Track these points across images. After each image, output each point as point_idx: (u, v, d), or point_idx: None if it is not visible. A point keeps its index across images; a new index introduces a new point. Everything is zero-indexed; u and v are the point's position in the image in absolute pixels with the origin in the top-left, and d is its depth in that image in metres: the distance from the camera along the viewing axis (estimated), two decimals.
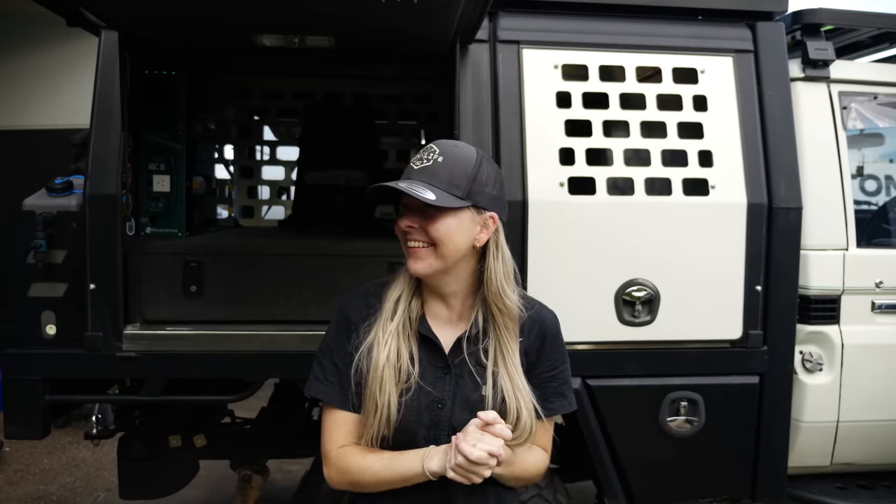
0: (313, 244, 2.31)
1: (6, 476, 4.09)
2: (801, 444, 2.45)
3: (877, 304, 2.48)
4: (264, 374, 2.28)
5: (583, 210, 2.25)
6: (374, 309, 1.39)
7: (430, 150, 1.35)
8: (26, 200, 2.16)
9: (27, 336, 2.14)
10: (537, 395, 1.37)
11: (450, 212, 1.32)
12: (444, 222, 1.31)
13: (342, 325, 1.41)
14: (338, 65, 3.00)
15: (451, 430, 1.32)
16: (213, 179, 3.28)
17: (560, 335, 1.46)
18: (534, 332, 1.42)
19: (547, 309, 1.48)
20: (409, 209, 1.34)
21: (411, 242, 1.34)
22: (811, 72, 2.50)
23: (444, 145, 1.36)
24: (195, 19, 1.98)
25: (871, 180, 2.89)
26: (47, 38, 5.38)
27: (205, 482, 3.55)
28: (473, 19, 2.02)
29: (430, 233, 1.31)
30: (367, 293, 1.44)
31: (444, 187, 1.30)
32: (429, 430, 1.34)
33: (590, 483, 2.58)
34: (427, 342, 1.38)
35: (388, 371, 1.32)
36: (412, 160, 1.36)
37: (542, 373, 1.42)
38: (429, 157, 1.33)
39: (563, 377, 1.44)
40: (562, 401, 1.43)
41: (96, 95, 2.15)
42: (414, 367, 1.34)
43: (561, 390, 1.43)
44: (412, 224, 1.33)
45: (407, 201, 1.34)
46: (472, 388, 1.35)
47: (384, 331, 1.35)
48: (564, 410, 1.43)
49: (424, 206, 1.31)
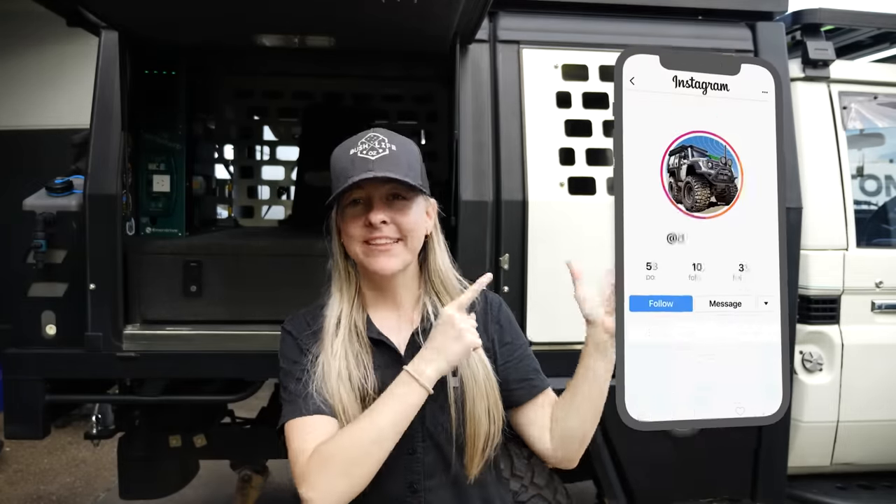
0: (313, 244, 2.31)
1: (6, 476, 4.09)
2: (801, 444, 2.45)
3: (877, 304, 2.48)
4: (264, 374, 2.28)
5: (583, 210, 2.25)
6: (316, 330, 1.32)
7: (376, 139, 1.27)
8: (26, 200, 2.16)
9: (27, 336, 2.14)
10: (517, 378, 1.32)
11: (416, 200, 1.29)
12: (414, 212, 1.28)
13: (289, 345, 1.34)
14: (338, 65, 3.00)
15: (424, 433, 1.27)
16: (213, 179, 3.29)
17: (511, 316, 1.41)
18: (488, 316, 1.37)
19: (492, 294, 1.43)
20: (370, 204, 1.26)
21: (381, 240, 1.25)
22: (811, 72, 2.50)
23: (387, 134, 1.29)
24: (195, 19, 1.98)
25: (871, 180, 2.89)
26: (47, 38, 5.38)
27: (205, 482, 3.55)
28: (473, 19, 2.02)
29: (402, 225, 1.26)
30: (307, 314, 1.37)
31: (410, 175, 1.25)
32: (402, 440, 1.21)
33: (590, 483, 2.58)
34: (381, 346, 1.31)
35: (344, 390, 1.23)
36: (356, 150, 1.25)
37: (512, 353, 1.36)
38: (381, 146, 1.25)
39: (529, 354, 1.38)
40: (539, 377, 1.37)
41: (96, 95, 2.16)
42: (369, 377, 1.25)
43: (535, 367, 1.38)
44: (385, 218, 1.25)
45: (367, 195, 1.26)
46: (440, 384, 1.24)
47: (332, 351, 1.26)
48: (545, 385, 1.36)
49: (391, 199, 1.26)
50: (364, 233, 1.26)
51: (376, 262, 1.26)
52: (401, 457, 1.24)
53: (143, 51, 2.23)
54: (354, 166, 1.23)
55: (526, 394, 1.34)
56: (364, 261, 1.28)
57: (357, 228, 1.27)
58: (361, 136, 1.28)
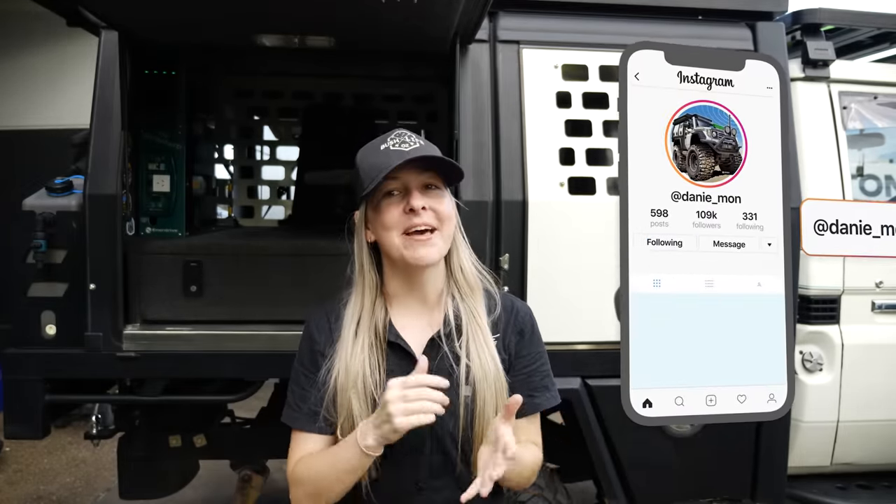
0: (313, 244, 2.31)
1: (6, 476, 4.09)
2: (801, 444, 2.45)
3: (877, 304, 2.48)
4: (264, 374, 2.28)
5: (583, 210, 2.25)
6: (336, 328, 1.34)
7: (405, 134, 1.32)
8: (26, 200, 2.16)
9: (27, 336, 2.14)
10: (523, 391, 1.31)
11: (446, 192, 1.33)
12: (449, 199, 1.33)
13: (309, 347, 1.36)
14: (338, 65, 3.00)
15: (432, 435, 1.29)
16: (213, 179, 3.29)
17: (536, 327, 1.42)
18: (510, 327, 1.39)
19: (520, 302, 1.45)
20: (408, 192, 1.28)
21: (420, 227, 1.27)
22: (811, 72, 2.50)
23: (410, 132, 1.35)
24: (195, 19, 1.98)
25: (871, 180, 2.89)
26: (47, 38, 5.38)
27: (205, 482, 3.55)
28: (473, 19, 2.02)
29: (439, 212, 1.29)
30: (330, 310, 1.39)
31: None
32: (413, 438, 1.24)
33: (590, 483, 2.58)
34: (396, 349, 1.33)
35: (357, 395, 1.26)
36: (387, 145, 1.29)
37: (524, 367, 1.38)
38: (412, 140, 1.30)
39: (544, 370, 1.40)
40: (546, 394, 1.39)
41: (96, 95, 2.15)
42: (381, 382, 1.27)
43: (544, 383, 1.39)
44: (424, 204, 1.27)
45: (404, 184, 1.28)
46: (452, 390, 1.26)
47: (349, 350, 1.29)
48: (550, 404, 1.39)
49: (426, 187, 1.29)
50: (404, 220, 1.27)
51: (416, 252, 1.27)
52: (409, 456, 1.28)
53: (143, 51, 2.23)
54: (390, 157, 1.26)
55: (527, 409, 1.35)
56: (404, 253, 1.28)
57: (395, 216, 1.28)
58: (389, 134, 1.33)
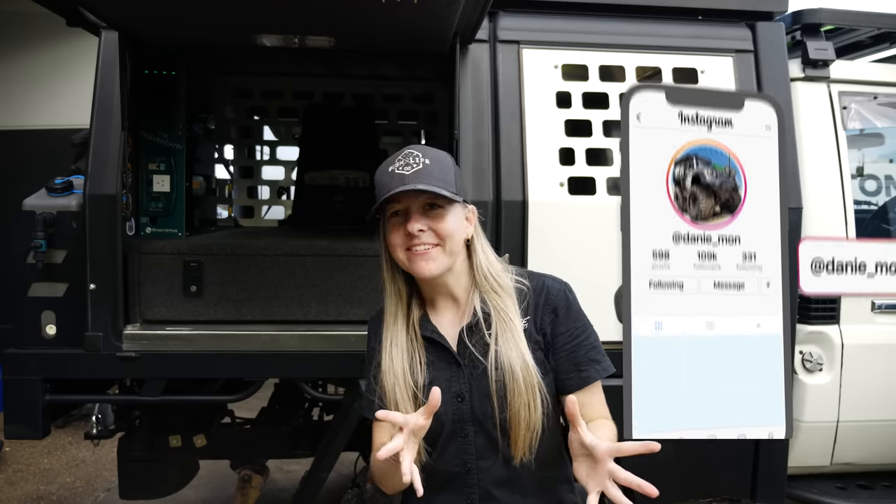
0: (313, 244, 2.31)
1: (6, 476, 4.09)
2: (801, 444, 2.45)
3: (877, 304, 2.47)
4: (264, 374, 2.28)
5: (583, 210, 2.25)
6: (381, 331, 1.46)
7: (411, 154, 1.38)
8: (26, 200, 2.16)
9: (27, 336, 2.14)
10: (570, 367, 1.38)
11: (452, 208, 1.39)
12: (451, 218, 1.38)
13: (370, 346, 1.51)
14: (338, 65, 3.01)
15: (473, 420, 1.38)
16: (213, 179, 3.29)
17: (573, 302, 1.45)
18: (541, 308, 1.43)
19: (551, 279, 1.48)
20: (408, 215, 1.38)
21: (419, 247, 1.37)
22: (811, 72, 2.50)
23: (421, 149, 1.40)
24: (195, 20, 1.98)
25: (871, 180, 2.89)
26: (47, 38, 5.38)
27: (205, 482, 3.55)
28: (473, 19, 2.02)
29: (439, 231, 1.37)
30: (380, 314, 1.51)
31: (443, 185, 1.36)
32: (454, 424, 1.38)
33: None
34: (433, 342, 1.43)
35: (399, 388, 1.38)
36: (394, 167, 1.37)
37: (565, 344, 1.40)
38: (416, 162, 1.36)
39: (588, 342, 1.42)
40: (595, 366, 1.40)
41: (96, 95, 2.16)
42: (422, 373, 1.39)
43: (591, 356, 1.40)
44: (423, 227, 1.36)
45: (406, 207, 1.37)
46: (485, 375, 1.38)
47: (389, 347, 1.42)
48: (601, 375, 1.40)
49: (428, 208, 1.37)
50: (405, 241, 1.38)
51: (417, 266, 1.38)
52: (454, 440, 1.40)
53: (143, 51, 2.23)
54: (392, 181, 1.36)
55: (573, 384, 1.39)
56: (407, 266, 1.40)
57: (398, 237, 1.39)
58: (399, 154, 1.40)
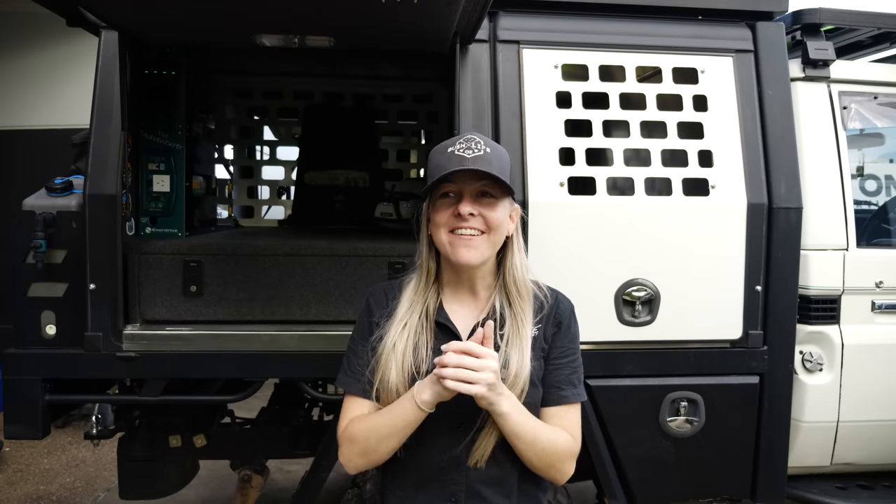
0: (313, 244, 2.31)
1: (6, 476, 4.09)
2: (801, 444, 2.45)
3: (877, 304, 2.48)
4: (264, 374, 2.28)
5: (583, 210, 2.25)
6: (393, 304, 1.45)
7: (474, 140, 1.37)
8: (26, 200, 2.16)
9: (27, 336, 2.14)
10: (550, 382, 1.41)
11: (503, 200, 1.38)
12: (501, 209, 1.38)
13: (367, 319, 1.48)
14: (338, 65, 3.00)
15: (471, 414, 1.36)
16: (213, 179, 3.29)
17: (573, 324, 1.48)
18: (550, 318, 1.45)
19: (563, 296, 1.51)
20: (460, 197, 1.36)
21: (466, 231, 1.36)
22: (811, 72, 2.50)
23: (483, 138, 1.40)
24: (196, 20, 1.98)
25: (871, 180, 2.89)
26: (47, 38, 5.38)
27: (205, 482, 3.56)
28: (473, 19, 2.02)
29: (488, 219, 1.36)
30: (388, 287, 1.51)
31: (500, 174, 1.35)
32: (452, 415, 1.36)
33: (590, 483, 2.57)
34: (445, 330, 1.43)
35: (396, 361, 1.36)
36: (453, 148, 1.37)
37: (556, 358, 1.44)
38: (477, 147, 1.36)
39: (574, 366, 1.46)
40: (571, 390, 1.44)
41: (96, 95, 2.15)
42: (426, 359, 1.38)
43: (571, 379, 1.44)
44: (473, 211, 1.35)
45: (459, 189, 1.37)
46: None
47: (400, 324, 1.40)
48: (573, 400, 1.44)
49: (481, 195, 1.36)
50: (451, 221, 1.37)
51: (458, 252, 1.37)
52: (449, 431, 1.38)
53: (143, 51, 2.23)
54: (451, 162, 1.35)
55: (551, 399, 1.42)
56: (448, 250, 1.38)
57: (445, 216, 1.38)
58: (460, 137, 1.39)
